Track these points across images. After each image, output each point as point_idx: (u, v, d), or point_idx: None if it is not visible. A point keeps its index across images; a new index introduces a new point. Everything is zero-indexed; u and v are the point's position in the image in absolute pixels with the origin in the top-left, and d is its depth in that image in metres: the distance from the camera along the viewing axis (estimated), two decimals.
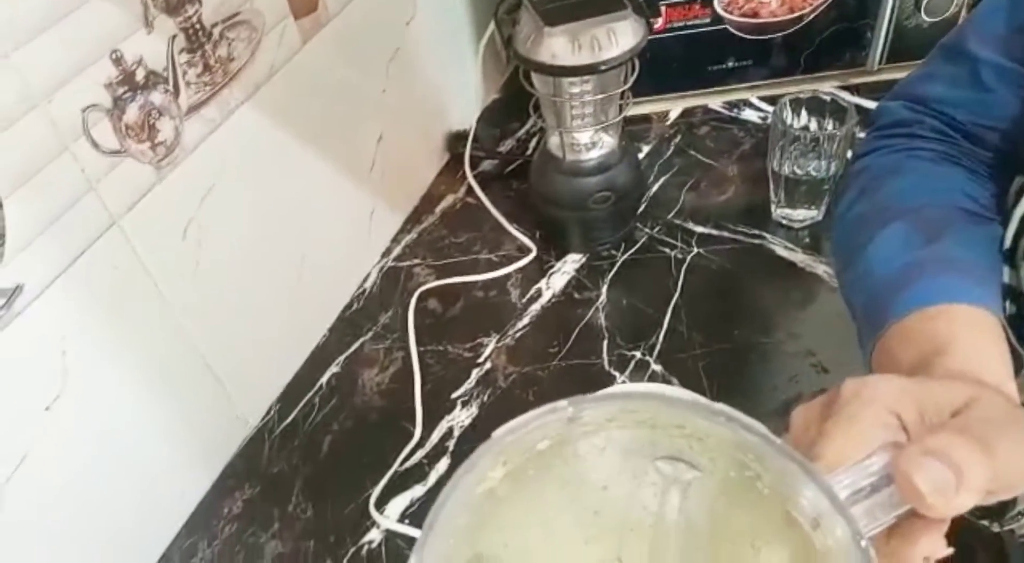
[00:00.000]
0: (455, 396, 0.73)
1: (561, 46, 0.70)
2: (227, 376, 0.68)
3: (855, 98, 0.96)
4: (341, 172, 0.79)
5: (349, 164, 0.80)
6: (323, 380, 0.76)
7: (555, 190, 0.81)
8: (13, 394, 0.51)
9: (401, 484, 0.67)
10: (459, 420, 0.71)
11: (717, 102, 1.01)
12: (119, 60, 0.53)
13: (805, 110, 0.82)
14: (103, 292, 0.56)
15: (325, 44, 0.72)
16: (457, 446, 0.69)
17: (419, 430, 0.70)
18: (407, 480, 0.67)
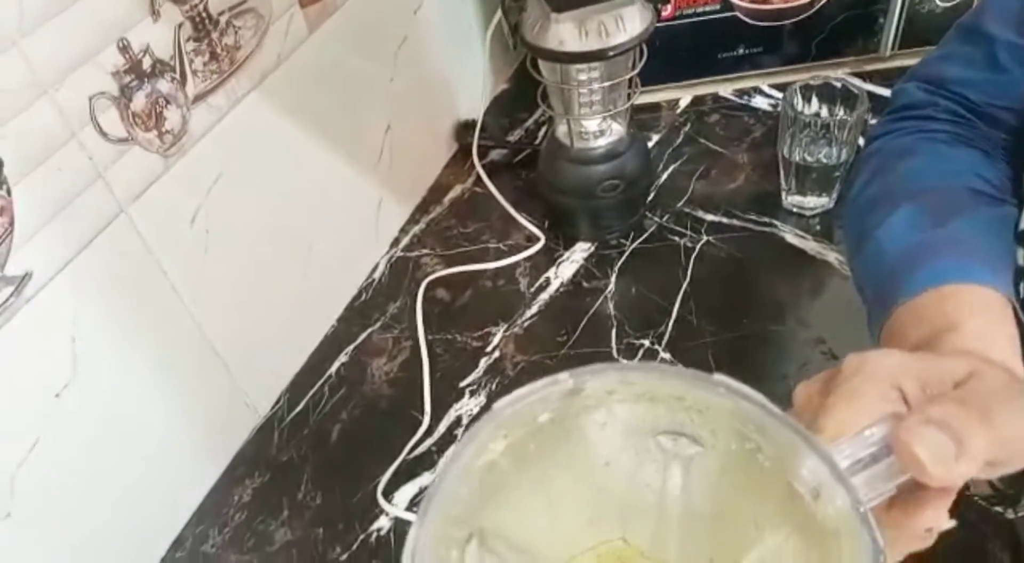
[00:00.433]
0: (463, 385, 0.73)
1: (568, 32, 0.70)
2: (236, 365, 0.68)
3: (868, 85, 0.95)
4: (349, 162, 0.79)
5: (357, 154, 0.80)
6: (332, 369, 0.76)
7: (563, 178, 0.81)
8: (23, 381, 0.52)
9: (409, 472, 0.67)
10: (467, 409, 0.71)
11: (727, 90, 1.00)
12: (126, 48, 0.53)
13: (816, 97, 0.81)
14: (112, 280, 0.56)
15: (332, 33, 0.72)
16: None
17: (427, 419, 0.70)
18: (415, 468, 0.67)
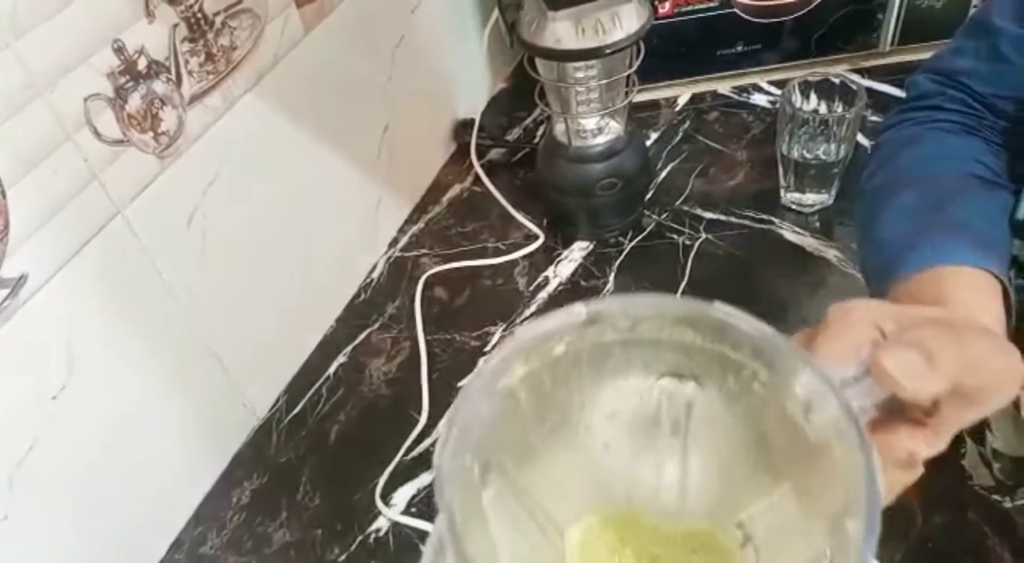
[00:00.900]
0: (462, 385, 0.72)
1: (565, 31, 0.69)
2: (234, 366, 0.68)
3: (867, 81, 0.95)
4: (347, 161, 0.79)
5: (355, 153, 0.80)
6: (331, 370, 0.76)
7: (561, 177, 0.81)
8: (20, 383, 0.51)
9: (408, 473, 0.67)
10: None
11: (726, 87, 1.00)
12: (121, 50, 0.53)
13: (815, 93, 0.81)
14: (108, 281, 0.56)
15: (329, 32, 0.72)
16: None
17: (425, 419, 0.70)
18: (414, 469, 0.67)
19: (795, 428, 0.28)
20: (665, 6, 0.91)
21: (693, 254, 0.80)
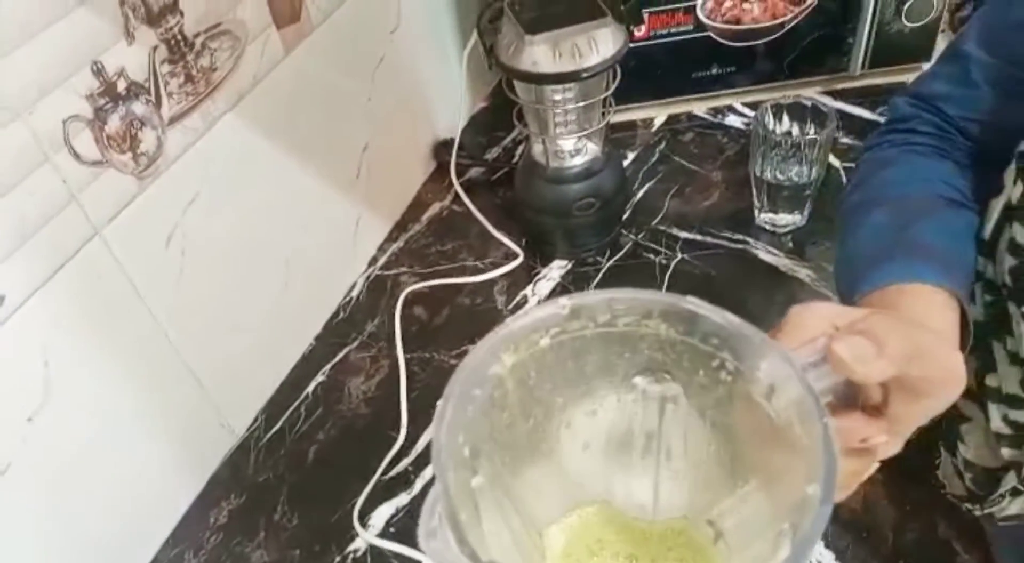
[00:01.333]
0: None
1: (542, 54, 0.71)
2: (212, 385, 0.68)
3: (838, 103, 0.97)
4: (326, 181, 0.79)
5: (334, 173, 0.80)
6: (309, 389, 0.76)
7: (540, 197, 0.82)
8: None
9: (387, 492, 0.67)
10: None
11: (702, 108, 1.01)
12: (100, 71, 0.54)
13: (787, 115, 0.83)
14: (86, 302, 0.56)
15: (309, 54, 0.73)
16: None
17: (404, 438, 0.70)
18: (393, 488, 0.67)
19: (760, 412, 0.30)
20: (641, 29, 0.93)
21: (669, 273, 0.81)
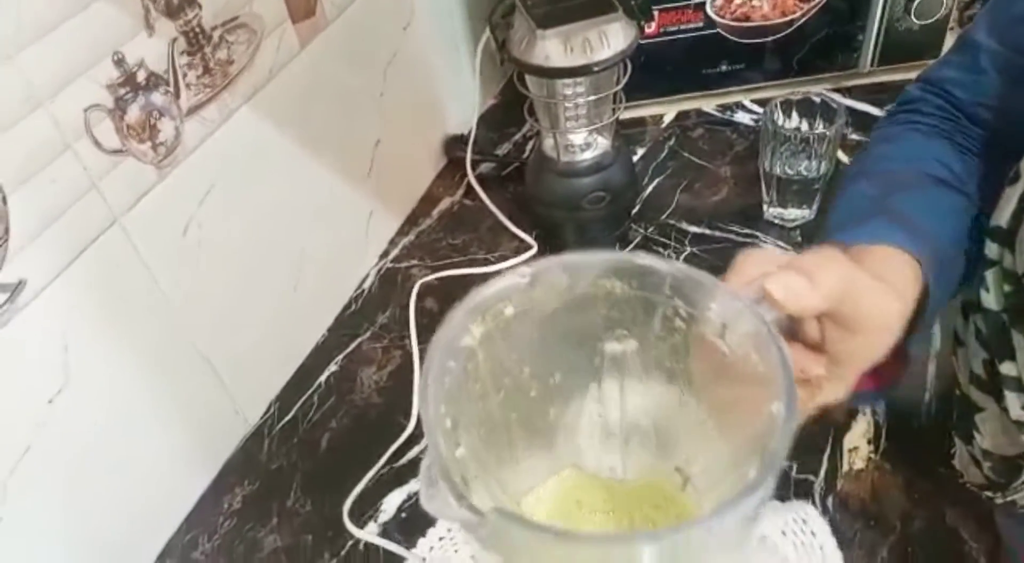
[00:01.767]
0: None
1: (554, 48, 0.71)
2: (227, 373, 0.69)
3: (847, 100, 0.97)
4: (339, 175, 0.80)
5: (347, 167, 0.81)
6: (322, 378, 0.77)
7: (550, 191, 0.83)
8: (16, 387, 0.52)
9: (398, 479, 0.68)
10: None
11: (711, 105, 1.02)
12: (121, 62, 0.55)
13: (796, 111, 0.83)
14: (104, 289, 0.57)
15: (323, 48, 0.74)
16: None
17: (414, 426, 0.71)
18: (404, 475, 0.68)
19: (716, 352, 0.32)
20: (651, 26, 0.93)
21: None
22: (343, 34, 0.76)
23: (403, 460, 0.69)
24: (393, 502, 0.66)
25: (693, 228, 0.86)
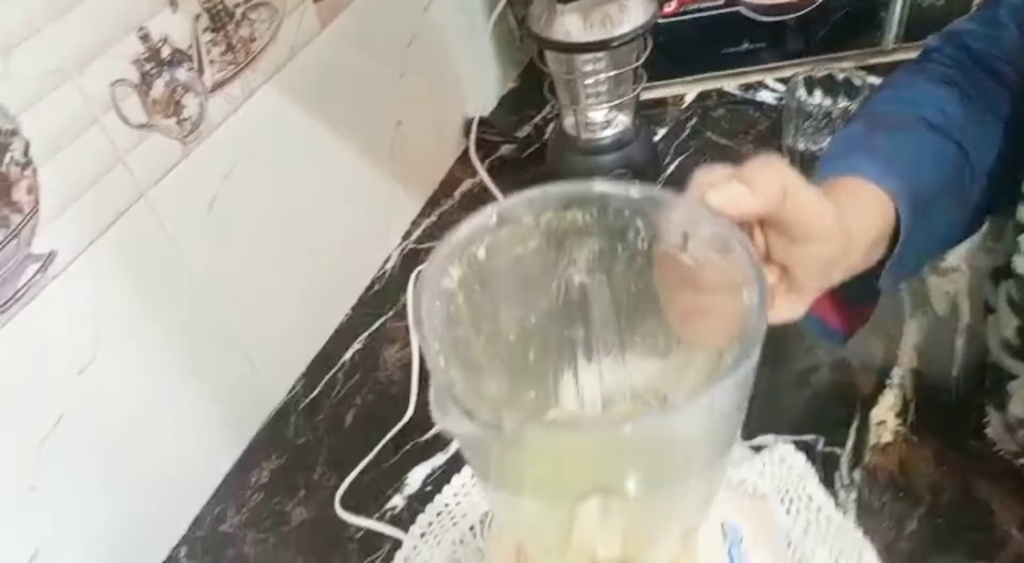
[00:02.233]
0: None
1: (573, 23, 0.71)
2: (254, 350, 0.70)
3: (871, 78, 0.96)
4: (360, 155, 0.81)
5: (368, 147, 0.82)
6: (347, 356, 0.77)
7: (571, 168, 0.83)
8: (48, 357, 0.53)
9: (423, 453, 0.68)
10: None
11: (732, 85, 1.01)
12: (146, 37, 0.56)
13: (819, 88, 0.83)
14: (132, 262, 0.58)
15: (344, 28, 0.74)
16: None
17: None
18: (428, 449, 0.68)
19: (680, 265, 0.33)
20: (671, 5, 0.93)
21: None
22: (363, 14, 0.77)
23: (428, 435, 0.69)
24: (418, 476, 0.67)
25: None
